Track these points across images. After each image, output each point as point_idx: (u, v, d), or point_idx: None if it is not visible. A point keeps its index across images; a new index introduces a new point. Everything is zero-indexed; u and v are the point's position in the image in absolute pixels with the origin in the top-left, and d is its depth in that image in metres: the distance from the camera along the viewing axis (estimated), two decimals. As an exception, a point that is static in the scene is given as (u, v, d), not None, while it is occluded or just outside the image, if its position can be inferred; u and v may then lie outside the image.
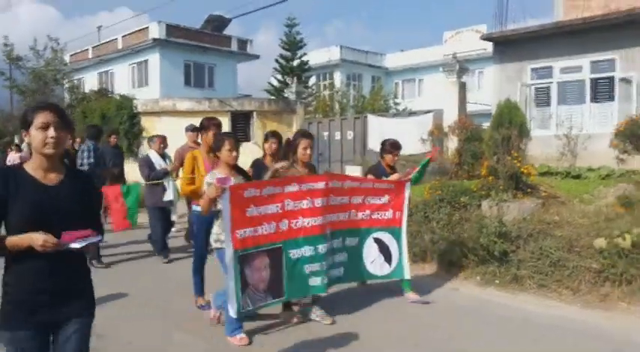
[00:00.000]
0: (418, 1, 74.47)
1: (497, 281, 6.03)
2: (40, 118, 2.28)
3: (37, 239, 2.17)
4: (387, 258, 5.32)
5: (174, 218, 7.39)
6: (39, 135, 2.28)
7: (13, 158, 14.02)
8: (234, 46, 27.53)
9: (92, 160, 7.44)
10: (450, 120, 12.34)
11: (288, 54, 27.81)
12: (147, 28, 25.57)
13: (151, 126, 16.08)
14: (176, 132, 7.80)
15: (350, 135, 15.45)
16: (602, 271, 5.47)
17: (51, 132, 2.28)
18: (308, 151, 4.76)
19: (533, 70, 12.88)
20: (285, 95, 19.52)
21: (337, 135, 15.80)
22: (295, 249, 4.32)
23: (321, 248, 4.46)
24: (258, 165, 5.58)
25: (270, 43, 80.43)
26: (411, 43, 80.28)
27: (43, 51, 21.03)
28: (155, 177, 7.26)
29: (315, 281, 4.46)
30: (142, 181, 7.60)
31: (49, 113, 2.31)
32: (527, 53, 12.80)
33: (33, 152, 2.34)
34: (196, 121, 7.83)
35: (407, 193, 5.44)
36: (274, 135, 5.63)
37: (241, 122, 16.97)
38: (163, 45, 24.85)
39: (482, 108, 19.66)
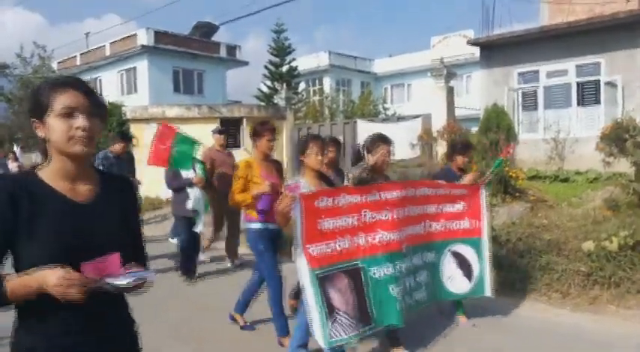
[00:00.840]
0: (406, 6, 75.08)
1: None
2: (63, 100, 1.52)
3: (50, 276, 1.38)
4: (467, 273, 4.69)
5: (199, 229, 6.93)
6: (62, 126, 1.51)
7: (11, 167, 13.62)
8: (223, 53, 27.52)
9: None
10: (438, 125, 12.44)
11: (277, 60, 27.84)
12: (135, 34, 25.49)
13: (140, 133, 15.95)
14: (165, 140, 7.69)
15: (340, 140, 15.47)
16: (591, 274, 5.52)
17: (80, 120, 1.52)
18: (388, 159, 4.31)
19: (519, 74, 13.00)
20: (275, 101, 19.55)
21: (327, 141, 15.83)
22: (376, 266, 3.71)
23: (402, 266, 3.90)
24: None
25: (259, 49, 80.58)
26: (399, 48, 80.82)
27: (30, 58, 20.95)
28: (178, 186, 6.79)
29: (402, 305, 3.84)
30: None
31: (76, 93, 1.54)
32: (513, 58, 12.92)
33: (53, 152, 1.57)
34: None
35: (483, 198, 4.76)
36: (333, 142, 4.90)
37: (231, 128, 16.95)
38: (152, 51, 24.79)
39: (470, 113, 19.79)
